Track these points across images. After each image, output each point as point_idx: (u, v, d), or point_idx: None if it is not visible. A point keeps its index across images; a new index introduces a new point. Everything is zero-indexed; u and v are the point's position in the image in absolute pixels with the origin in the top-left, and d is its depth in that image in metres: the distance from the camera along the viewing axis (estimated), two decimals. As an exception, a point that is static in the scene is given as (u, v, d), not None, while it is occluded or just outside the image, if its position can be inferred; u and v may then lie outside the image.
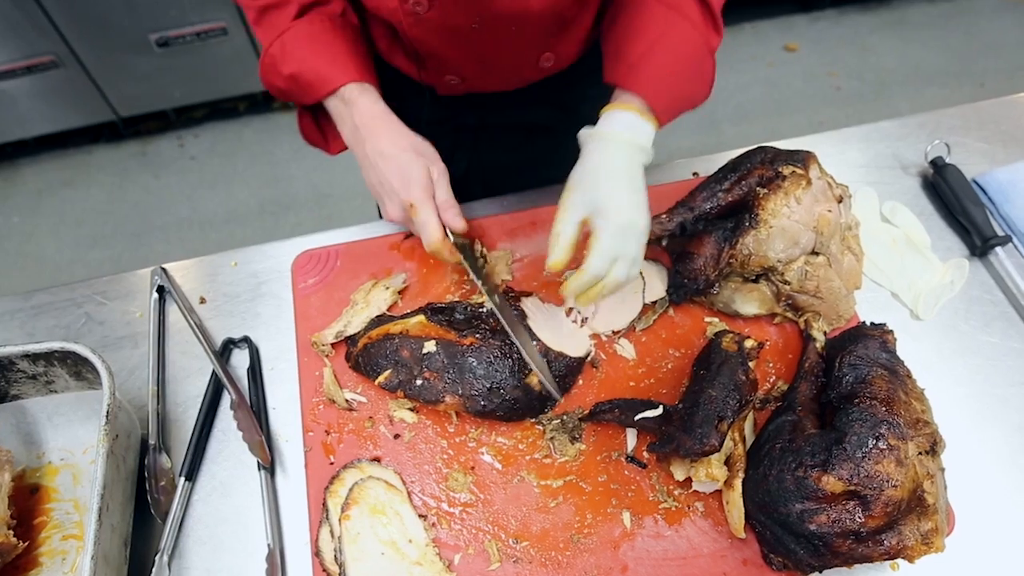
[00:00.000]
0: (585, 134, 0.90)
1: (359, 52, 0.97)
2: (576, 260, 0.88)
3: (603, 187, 0.85)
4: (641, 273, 1.02)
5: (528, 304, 0.98)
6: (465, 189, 1.02)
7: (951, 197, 1.11)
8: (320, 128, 1.04)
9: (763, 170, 0.99)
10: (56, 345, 0.88)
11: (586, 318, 1.00)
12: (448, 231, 0.94)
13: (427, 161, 0.94)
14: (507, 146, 1.21)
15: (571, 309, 1.00)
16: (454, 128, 0.98)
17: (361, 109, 0.93)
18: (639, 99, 0.88)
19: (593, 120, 0.90)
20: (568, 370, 0.94)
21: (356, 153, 0.96)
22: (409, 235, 1.09)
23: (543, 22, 0.93)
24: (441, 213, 0.94)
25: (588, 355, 0.97)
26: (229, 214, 2.69)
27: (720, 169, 1.03)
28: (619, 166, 0.86)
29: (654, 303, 1.02)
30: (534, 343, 0.93)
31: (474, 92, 1.08)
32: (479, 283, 0.95)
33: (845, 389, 0.86)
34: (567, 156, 0.91)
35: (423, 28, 0.92)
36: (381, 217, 1.31)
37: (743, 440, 0.87)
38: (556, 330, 0.97)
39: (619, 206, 0.84)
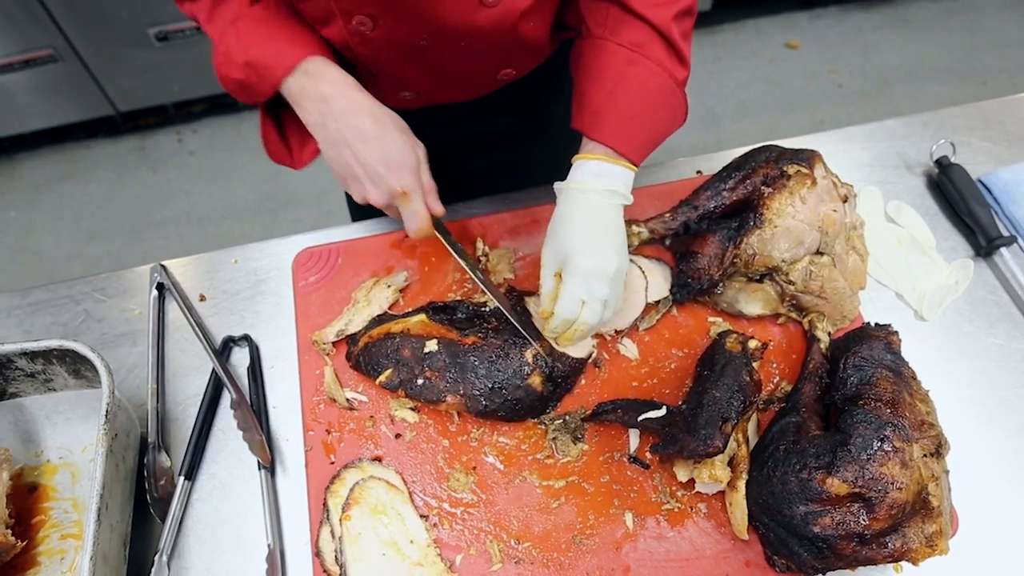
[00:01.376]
0: (557, 187, 0.89)
1: (316, 33, 0.92)
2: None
3: (568, 238, 0.85)
4: (644, 272, 1.02)
5: (532, 304, 0.97)
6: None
7: (956, 197, 1.11)
8: (285, 140, 0.99)
9: (768, 169, 0.98)
10: (55, 343, 0.87)
11: None
12: None
13: (412, 141, 0.89)
14: (474, 154, 1.20)
15: None
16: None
17: (329, 79, 0.87)
18: (604, 146, 0.86)
19: (558, 126, 0.89)
20: (571, 371, 0.94)
21: (323, 131, 0.88)
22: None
23: (494, 38, 0.91)
24: (425, 196, 0.90)
25: (590, 356, 0.96)
26: (228, 210, 2.68)
27: (724, 168, 1.02)
28: (585, 216, 0.86)
29: (657, 302, 1.01)
30: (538, 342, 0.92)
31: (432, 105, 1.06)
32: (460, 260, 0.94)
33: (849, 391, 0.85)
34: (537, 161, 0.90)
35: (371, 47, 0.90)
36: (353, 220, 1.28)
37: (746, 441, 0.87)
38: None
39: (583, 253, 0.84)
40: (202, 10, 0.90)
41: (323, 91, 0.86)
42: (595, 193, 0.86)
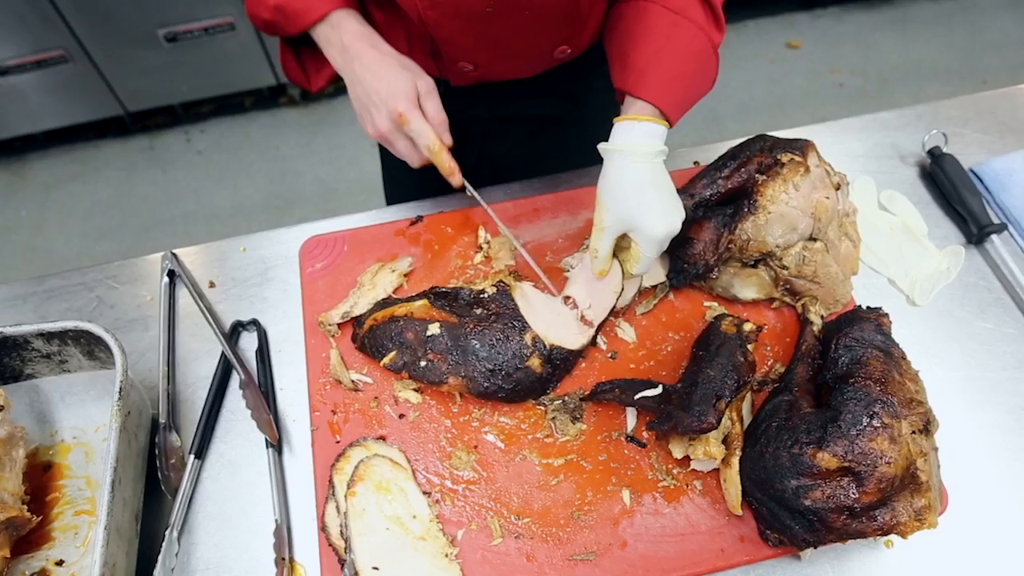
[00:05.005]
0: (607, 149, 0.91)
1: None
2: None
3: (635, 205, 0.89)
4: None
5: (524, 290, 0.99)
6: (475, 181, 1.04)
7: (948, 186, 1.13)
8: (302, 65, 1.06)
9: (762, 157, 1.00)
10: (70, 324, 0.90)
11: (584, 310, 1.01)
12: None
13: (413, 75, 0.96)
14: (516, 139, 1.23)
15: (568, 297, 1.00)
16: (464, 121, 1.00)
17: (349, 30, 0.96)
18: (651, 106, 0.89)
19: (599, 111, 0.92)
20: (567, 357, 0.96)
21: (345, 74, 0.98)
22: (415, 221, 1.11)
23: (557, 11, 0.95)
24: (435, 127, 0.96)
25: (593, 342, 0.98)
26: (235, 208, 2.72)
27: (720, 157, 1.04)
28: (647, 180, 0.89)
29: (654, 287, 1.04)
30: (528, 331, 0.95)
31: (486, 82, 1.10)
32: (485, 207, 1.00)
33: (840, 370, 0.87)
34: (574, 148, 0.92)
35: (439, 12, 0.94)
36: (388, 204, 1.33)
37: (740, 420, 0.89)
38: (552, 321, 0.98)
39: (653, 221, 0.89)
40: None
41: (344, 40, 0.96)
42: (651, 156, 0.89)
